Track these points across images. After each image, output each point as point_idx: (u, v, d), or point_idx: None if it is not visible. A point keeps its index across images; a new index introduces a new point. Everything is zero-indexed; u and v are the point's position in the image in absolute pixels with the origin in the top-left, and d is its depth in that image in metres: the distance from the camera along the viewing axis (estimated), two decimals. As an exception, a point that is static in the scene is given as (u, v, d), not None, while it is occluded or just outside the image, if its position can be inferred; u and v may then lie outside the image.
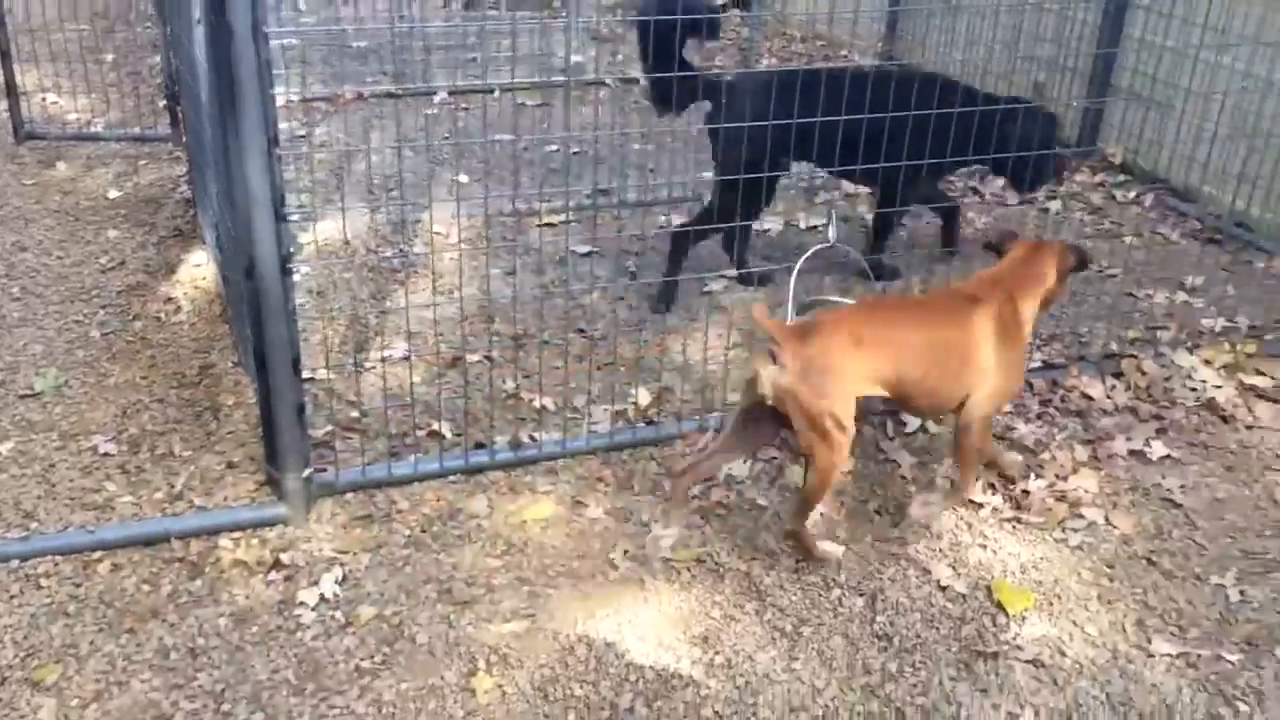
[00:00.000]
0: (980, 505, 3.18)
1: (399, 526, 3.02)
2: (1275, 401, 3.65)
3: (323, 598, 2.76)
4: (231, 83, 2.55)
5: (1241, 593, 2.88)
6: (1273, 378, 3.74)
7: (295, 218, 4.38)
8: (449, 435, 3.38)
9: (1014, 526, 3.12)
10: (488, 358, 3.79)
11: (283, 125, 5.60)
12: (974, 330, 2.91)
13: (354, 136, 5.64)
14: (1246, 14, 4.42)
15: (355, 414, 3.45)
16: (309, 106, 6.17)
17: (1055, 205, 5.21)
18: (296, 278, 4.20)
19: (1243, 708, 2.54)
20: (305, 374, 3.40)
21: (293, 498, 2.98)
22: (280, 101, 5.61)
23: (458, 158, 5.43)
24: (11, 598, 2.71)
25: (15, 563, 2.81)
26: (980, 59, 6.00)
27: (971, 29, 6.19)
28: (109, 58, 6.76)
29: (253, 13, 2.49)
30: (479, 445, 3.31)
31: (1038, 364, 3.82)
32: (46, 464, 3.21)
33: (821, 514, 3.10)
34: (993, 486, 3.24)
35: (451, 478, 3.20)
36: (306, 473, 2.99)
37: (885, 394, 2.88)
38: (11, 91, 5.53)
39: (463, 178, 5.14)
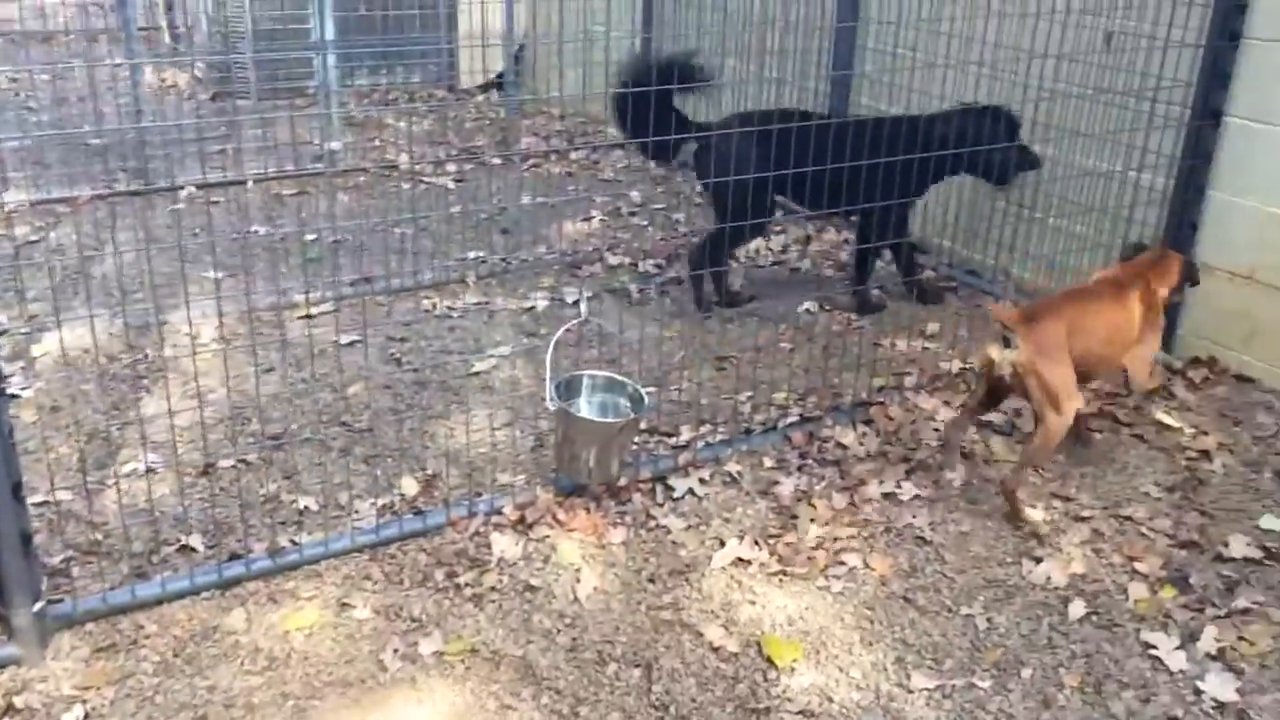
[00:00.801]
0: (749, 562, 3.27)
1: (147, 653, 2.83)
2: (1007, 435, 3.93)
3: (62, 740, 2.56)
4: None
5: (989, 620, 3.06)
6: (1003, 412, 4.02)
7: (25, 329, 4.14)
8: (201, 549, 3.21)
9: (780, 579, 3.22)
10: (243, 461, 3.65)
11: (16, 231, 5.32)
12: (1133, 310, 3.62)
13: (92, 238, 5.36)
14: (946, 78, 4.83)
15: (96, 536, 3.24)
16: (44, 209, 5.84)
17: (805, 264, 5.49)
18: (27, 394, 3.99)
19: (996, 731, 2.69)
20: (35, 498, 3.20)
21: (24, 635, 2.75)
22: (11, 206, 5.33)
23: (208, 254, 5.24)
24: None
25: None
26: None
27: (720, 102, 6.49)
28: None
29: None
30: (234, 556, 3.17)
31: (795, 418, 3.99)
32: None
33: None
34: (757, 543, 3.34)
35: (205, 594, 3.04)
36: (38, 606, 2.77)
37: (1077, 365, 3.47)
38: None
39: (213, 274, 4.96)
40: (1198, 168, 4.27)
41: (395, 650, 2.89)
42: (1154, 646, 2.94)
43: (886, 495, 3.58)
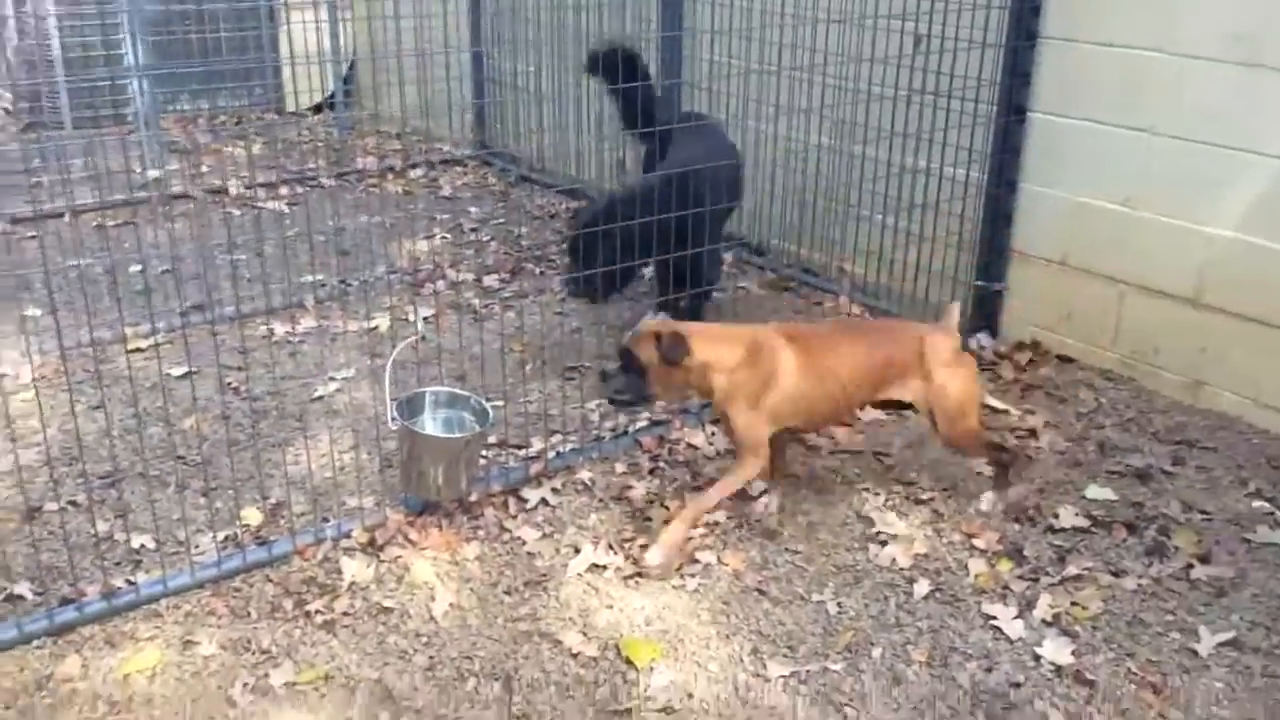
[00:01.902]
0: (604, 567, 3.28)
1: (-27, 710, 2.67)
2: (849, 424, 4.06)
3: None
4: None
5: (839, 605, 3.15)
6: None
7: None
8: (29, 595, 3.05)
9: (636, 582, 3.24)
10: (71, 503, 3.47)
11: None
12: None
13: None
14: (779, 87, 4.98)
15: (-89, 590, 3.04)
16: None
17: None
18: None
19: (850, 712, 2.76)
20: None
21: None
22: None
23: (23, 290, 4.97)
24: None
25: None
26: (556, 140, 6.33)
27: (548, 114, 6.54)
28: None
29: None
30: (65, 600, 3.01)
31: (645, 423, 4.03)
32: None
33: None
34: (611, 548, 3.35)
35: (36, 642, 2.89)
36: None
37: None
38: None
39: (32, 311, 4.72)
40: (1007, 162, 4.51)
41: (245, 684, 2.80)
42: (994, 618, 3.08)
43: (737, 492, 3.65)
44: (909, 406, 3.54)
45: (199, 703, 2.74)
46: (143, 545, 3.30)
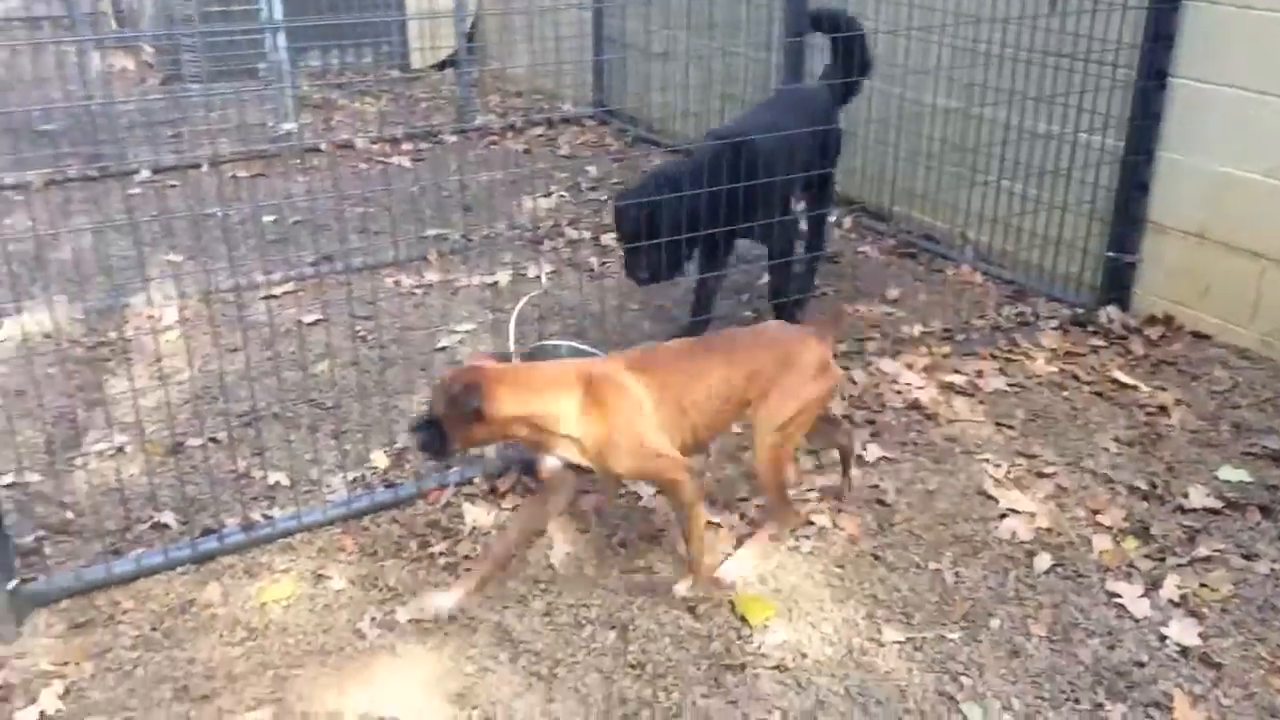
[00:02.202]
0: (719, 525, 3.31)
1: (125, 628, 2.83)
2: (970, 395, 4.00)
3: (43, 715, 2.55)
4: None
5: (957, 574, 3.12)
6: (965, 374, 4.09)
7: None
8: (174, 525, 3.21)
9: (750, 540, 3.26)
10: (213, 440, 3.63)
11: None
12: None
13: (48, 224, 5.29)
14: (908, 47, 4.89)
15: (67, 515, 3.22)
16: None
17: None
18: (-16, 378, 3.94)
19: (966, 681, 2.75)
20: (5, 479, 3.18)
21: (0, 613, 2.74)
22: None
23: (166, 237, 5.19)
24: None
25: None
26: (677, 100, 6.33)
27: (667, 74, 6.51)
28: None
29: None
30: (207, 531, 3.17)
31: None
32: None
33: (567, 553, 3.15)
34: (726, 507, 3.38)
35: (180, 569, 3.04)
36: (12, 585, 2.76)
37: None
38: None
39: (174, 256, 4.93)
40: (1146, 128, 4.35)
41: (372, 619, 2.91)
42: (1118, 595, 3.01)
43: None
44: None
45: (330, 633, 2.86)
46: (278, 482, 3.44)
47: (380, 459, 3.57)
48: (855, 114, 5.46)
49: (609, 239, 5.46)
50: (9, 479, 3.29)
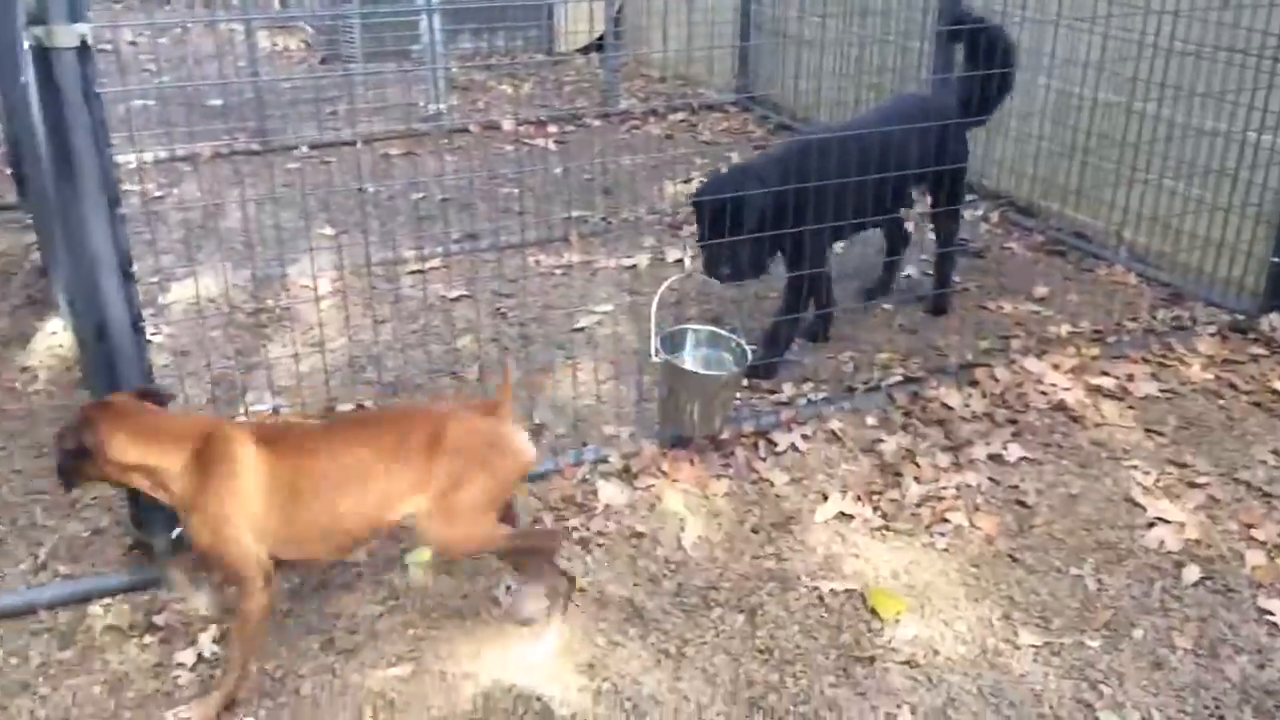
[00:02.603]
0: (851, 517, 3.29)
1: (277, 580, 2.97)
2: (1119, 399, 3.87)
3: (201, 657, 2.70)
4: (67, 146, 2.50)
5: (1099, 582, 3.04)
6: (1115, 377, 3.96)
7: (154, 279, 4.33)
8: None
9: (884, 534, 3.24)
10: (359, 407, 3.77)
11: (140, 187, 5.53)
12: None
13: (213, 194, 5.56)
14: (1056, 35, 4.74)
15: (226, 471, 3.39)
16: (168, 167, 6.06)
17: (908, 226, 5.44)
18: (158, 339, 4.17)
19: (1106, 690, 2.68)
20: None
21: (163, 560, 2.91)
22: (135, 164, 5.54)
23: (322, 210, 5.40)
24: None
25: None
26: (823, 89, 6.27)
27: (813, 61, 6.45)
28: (-50, 126, 6.52)
29: (82, 76, 2.46)
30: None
31: (898, 378, 3.98)
32: (-103, 543, 3.09)
33: (699, 537, 3.17)
34: (859, 499, 3.35)
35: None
36: (175, 533, 2.92)
37: None
38: None
39: (326, 230, 5.12)
40: (1324, 129, 4.13)
41: (508, 587, 2.98)
42: (1270, 613, 2.89)
43: (993, 457, 3.57)
44: None
45: (467, 599, 2.95)
46: (421, 451, 3.55)
47: (519, 433, 3.65)
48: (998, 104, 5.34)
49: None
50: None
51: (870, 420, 3.77)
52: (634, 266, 5.00)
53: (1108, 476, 3.48)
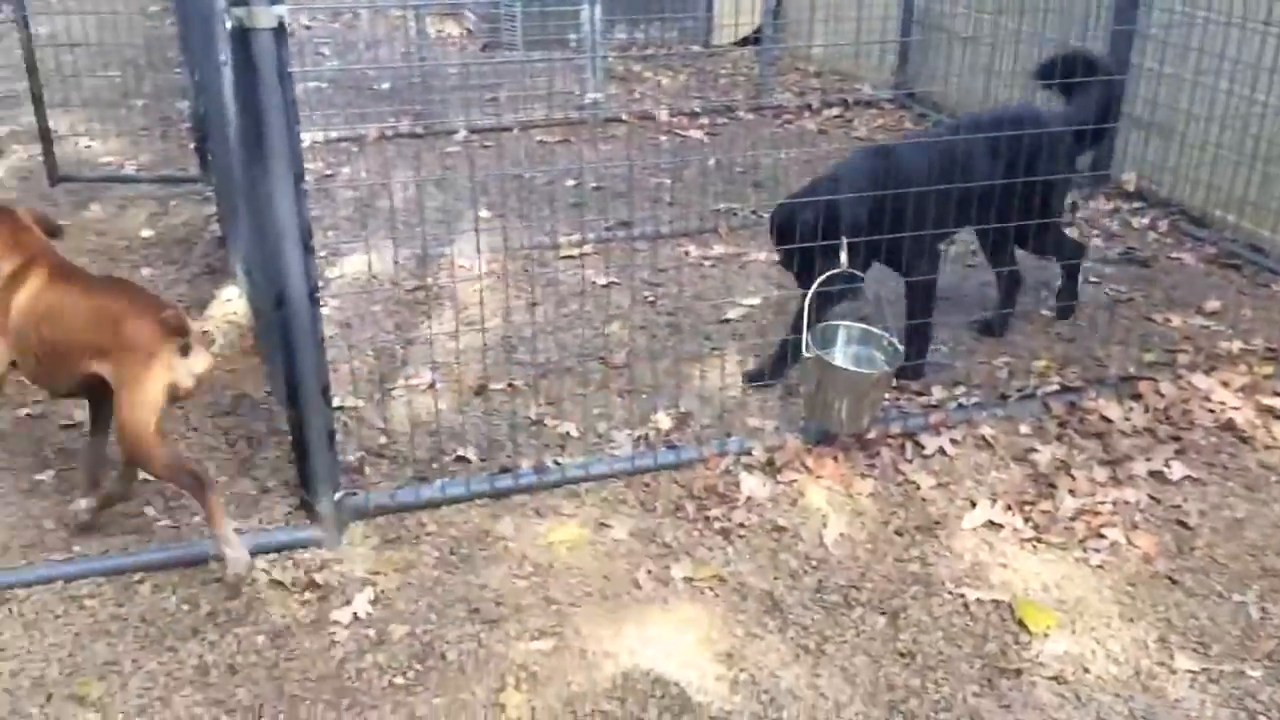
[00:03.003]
0: (1001, 526, 3.22)
1: (428, 549, 3.08)
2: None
3: (356, 616, 2.82)
4: (259, 123, 2.64)
5: (1263, 610, 2.90)
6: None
7: (322, 253, 4.52)
8: (474, 460, 3.45)
9: (1035, 546, 3.15)
10: (511, 385, 3.87)
11: (310, 165, 5.77)
12: None
13: (378, 175, 5.76)
14: (1240, 40, 4.51)
15: (384, 440, 3.53)
16: (335, 147, 6.31)
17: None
18: (325, 310, 4.33)
19: (1265, 722, 2.56)
20: (335, 402, 3.50)
21: (325, 521, 3.05)
22: (307, 143, 5.78)
23: (481, 194, 5.54)
24: (56, 618, 2.79)
25: (60, 584, 2.88)
26: (993, 88, 6.11)
27: (984, 59, 6.28)
28: (140, 103, 6.94)
29: (278, 56, 2.58)
30: (504, 469, 3.38)
31: (1055, 387, 3.87)
32: (87, 491, 3.30)
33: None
34: (1010, 508, 3.28)
35: (478, 501, 3.27)
36: (338, 496, 3.06)
37: None
38: (45, 136, 5.68)
39: (484, 213, 5.25)
40: None
41: (648, 571, 3.02)
42: None
43: (1154, 474, 3.44)
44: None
45: (609, 580, 3.00)
46: (568, 432, 3.62)
47: (664, 420, 3.68)
48: (1173, 108, 5.12)
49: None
50: (338, 401, 3.62)
51: (1024, 429, 3.68)
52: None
53: (1277, 502, 3.32)
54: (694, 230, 5.25)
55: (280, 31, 2.55)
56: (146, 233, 5.26)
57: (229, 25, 2.56)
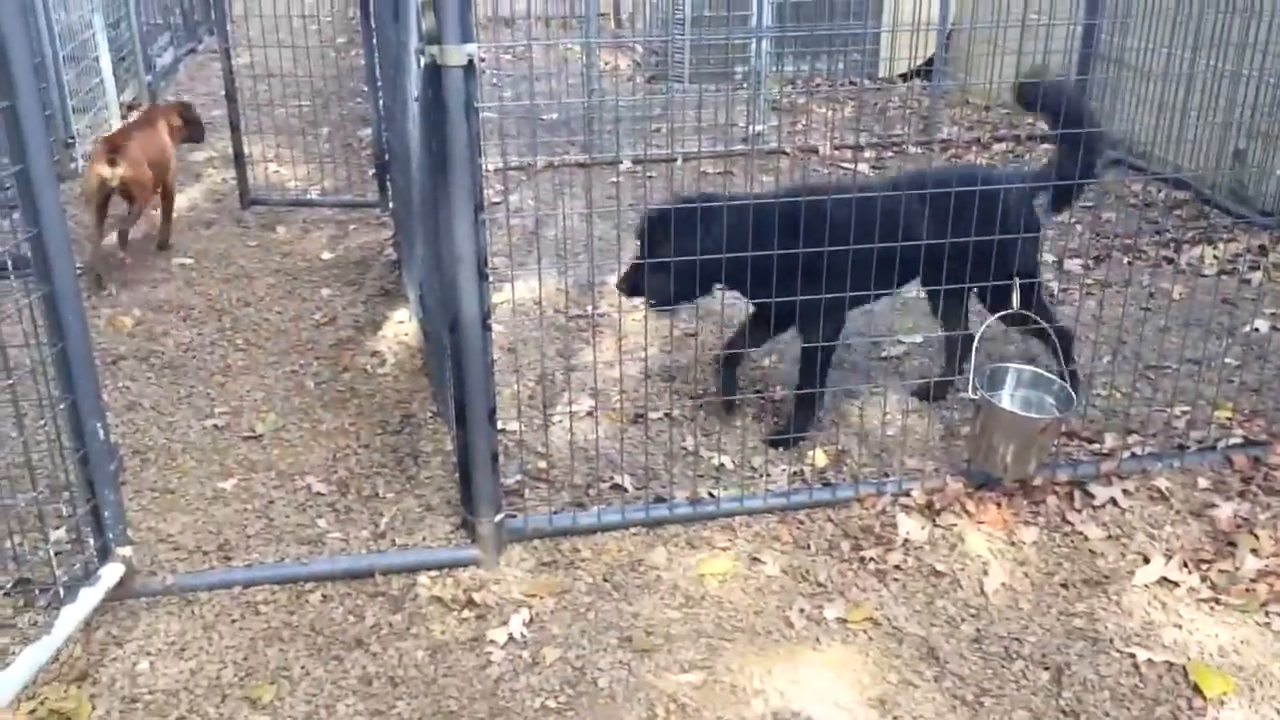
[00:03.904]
0: (1176, 584, 3.07)
1: (582, 574, 3.13)
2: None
3: (511, 637, 2.88)
4: (445, 154, 2.76)
5: None
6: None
7: (491, 279, 4.65)
8: (630, 488, 3.49)
9: (1212, 607, 2.99)
10: (668, 415, 3.90)
11: (484, 192, 5.96)
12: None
13: (546, 203, 5.92)
14: None
15: (543, 464, 3.60)
16: (505, 175, 6.51)
17: (1257, 276, 5.00)
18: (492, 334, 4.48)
19: None
20: (498, 425, 3.59)
21: (485, 541, 3.13)
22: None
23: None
24: (233, 621, 2.94)
25: (238, 589, 3.04)
26: (1175, 124, 5.87)
27: (1164, 94, 6.03)
28: (324, 131, 7.32)
29: (466, 91, 2.70)
30: (659, 499, 3.41)
31: (1239, 440, 3.67)
32: (266, 500, 3.48)
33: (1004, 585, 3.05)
34: (1186, 565, 3.12)
35: (632, 529, 3.30)
36: (498, 518, 3.14)
37: None
38: (240, 161, 6.05)
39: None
40: None
41: (801, 610, 2.99)
42: None
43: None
44: None
45: (760, 615, 2.99)
46: (723, 464, 3.63)
47: (820, 457, 3.65)
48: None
49: (1073, 265, 5.19)
50: (500, 424, 3.72)
51: (1203, 482, 3.50)
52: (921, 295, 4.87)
53: None
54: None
55: (469, 69, 2.66)
56: (327, 255, 5.53)
57: (423, 62, 2.68)
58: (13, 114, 2.47)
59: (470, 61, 2.65)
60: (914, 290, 4.15)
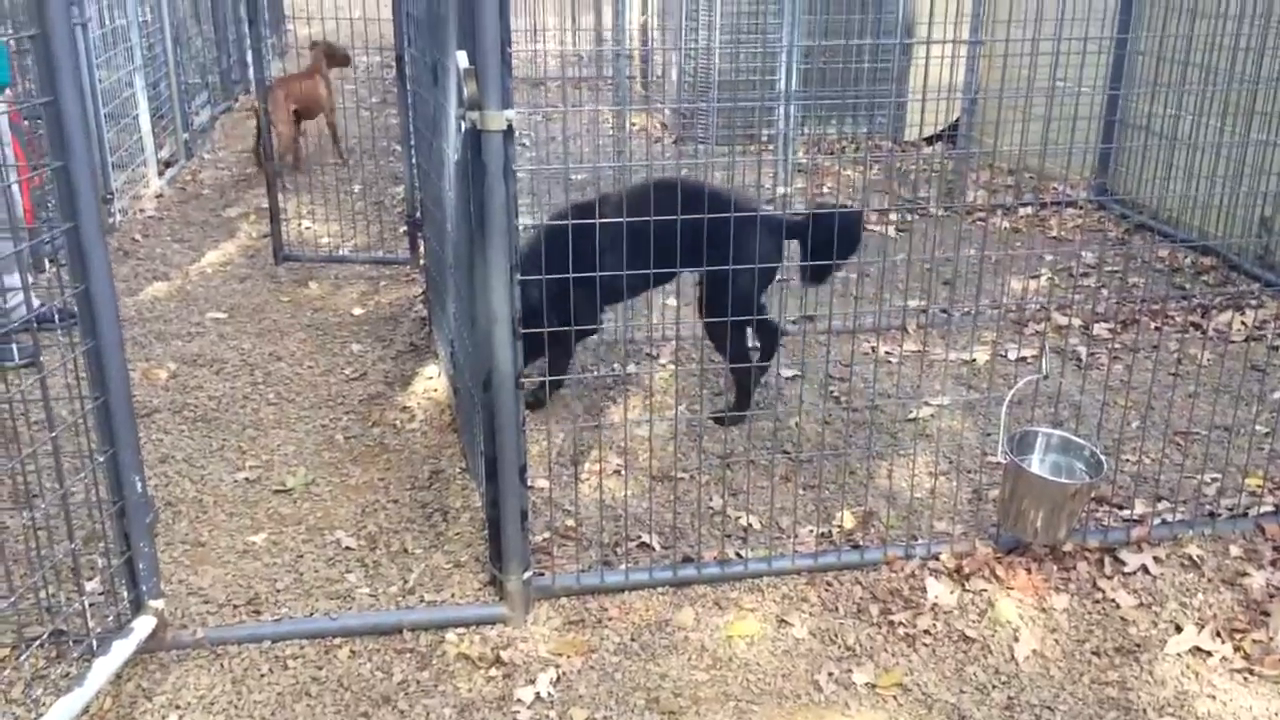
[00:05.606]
0: (1209, 654, 3.03)
1: (610, 633, 3.12)
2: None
3: (538, 696, 2.88)
4: (483, 215, 2.81)
5: None
6: None
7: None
8: (658, 547, 3.49)
9: (1246, 678, 2.96)
10: (695, 475, 3.91)
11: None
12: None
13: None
14: None
15: (571, 522, 3.61)
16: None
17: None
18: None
19: None
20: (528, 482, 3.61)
21: (513, 599, 3.13)
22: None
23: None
24: (262, 676, 2.95)
25: (267, 643, 3.05)
26: (1201, 193, 5.90)
27: (1191, 163, 6.07)
28: (356, 189, 7.44)
29: (504, 155, 2.76)
30: (686, 559, 3.41)
31: (1270, 508, 3.64)
32: (295, 554, 3.50)
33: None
34: (1219, 635, 3.08)
35: (659, 589, 3.30)
36: (527, 575, 3.15)
37: None
38: (274, 218, 6.15)
39: (671, 301, 5.36)
40: None
41: (829, 674, 2.98)
42: None
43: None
44: None
45: (788, 679, 2.97)
46: (750, 524, 3.63)
47: (848, 519, 3.65)
48: None
49: (1100, 329, 5.20)
50: (529, 481, 3.74)
51: (1234, 550, 3.47)
52: (972, 361, 4.89)
53: None
54: (880, 326, 5.21)
55: (509, 133, 2.72)
56: (358, 310, 5.60)
57: (463, 126, 2.75)
58: (65, 174, 2.55)
59: (509, 126, 2.71)
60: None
